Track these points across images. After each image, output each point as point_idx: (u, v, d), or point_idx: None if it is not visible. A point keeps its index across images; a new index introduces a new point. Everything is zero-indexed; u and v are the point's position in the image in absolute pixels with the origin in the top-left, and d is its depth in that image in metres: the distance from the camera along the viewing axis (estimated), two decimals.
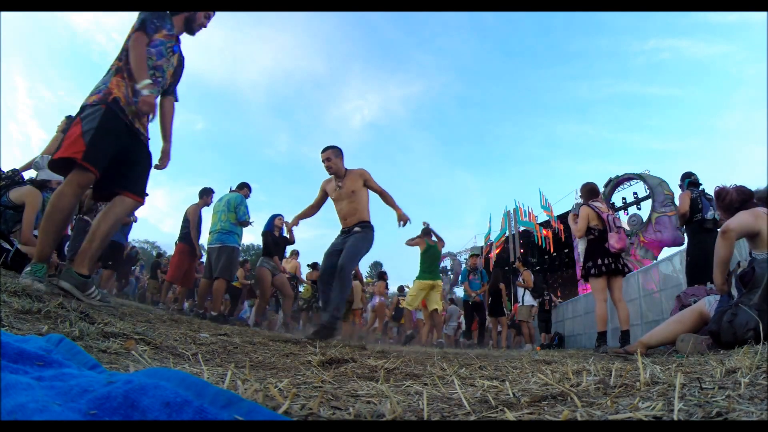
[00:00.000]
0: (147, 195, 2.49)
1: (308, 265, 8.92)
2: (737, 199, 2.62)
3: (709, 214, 4.35)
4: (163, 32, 2.50)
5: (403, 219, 3.55)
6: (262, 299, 6.03)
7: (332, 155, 3.55)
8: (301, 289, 9.44)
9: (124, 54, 2.40)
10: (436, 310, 6.20)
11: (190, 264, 5.63)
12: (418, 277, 6.26)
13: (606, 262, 3.96)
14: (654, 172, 12.62)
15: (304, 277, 8.60)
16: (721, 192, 2.74)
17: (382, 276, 9.31)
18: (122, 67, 2.38)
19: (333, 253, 3.52)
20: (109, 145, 2.24)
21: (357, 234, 3.47)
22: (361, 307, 8.53)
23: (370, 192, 3.68)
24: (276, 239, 5.79)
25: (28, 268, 2.14)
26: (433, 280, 6.20)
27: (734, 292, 2.40)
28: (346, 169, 3.62)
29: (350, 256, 3.37)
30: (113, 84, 2.33)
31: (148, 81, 2.33)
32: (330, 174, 3.59)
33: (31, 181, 3.66)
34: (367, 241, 3.49)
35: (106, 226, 2.30)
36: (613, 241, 3.91)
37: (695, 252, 4.38)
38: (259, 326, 5.79)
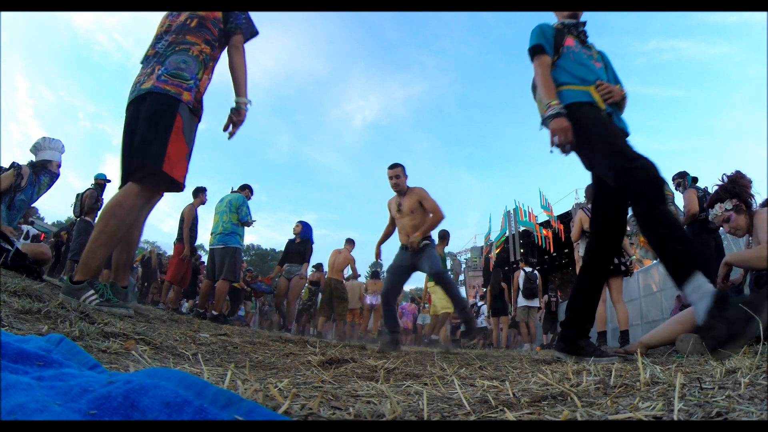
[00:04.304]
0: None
1: (313, 266, 8.96)
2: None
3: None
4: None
5: (412, 243, 3.49)
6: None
7: (401, 172, 3.63)
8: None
9: (214, 43, 2.23)
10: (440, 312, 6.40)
11: (188, 264, 5.67)
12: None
13: None
14: None
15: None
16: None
17: (376, 275, 9.32)
18: (211, 61, 2.23)
19: (399, 269, 3.53)
20: None
21: (426, 246, 3.45)
22: (360, 307, 8.53)
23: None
24: (295, 247, 6.39)
25: (93, 296, 1.92)
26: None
27: (746, 290, 2.38)
28: (408, 187, 3.66)
29: (435, 263, 3.40)
30: (203, 82, 2.20)
31: (247, 99, 2.30)
32: (397, 190, 3.65)
33: (30, 165, 3.64)
34: (434, 250, 3.51)
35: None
36: None
37: (699, 251, 4.36)
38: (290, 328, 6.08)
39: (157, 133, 2.00)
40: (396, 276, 3.57)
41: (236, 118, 2.33)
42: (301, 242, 6.39)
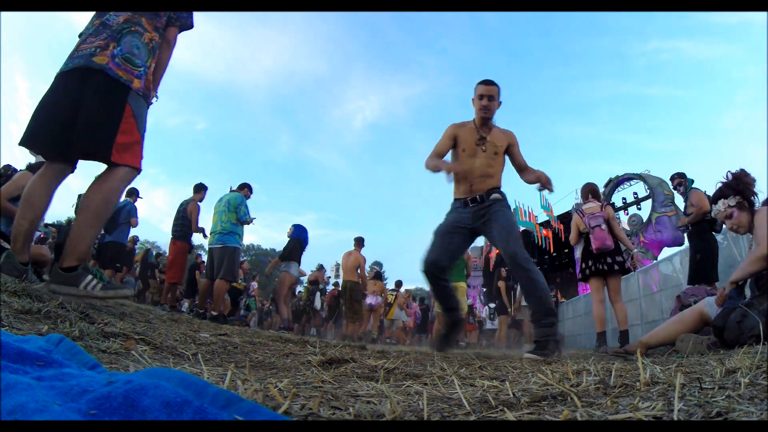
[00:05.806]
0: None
1: (320, 265, 9.05)
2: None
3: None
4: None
5: (546, 183, 2.62)
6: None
7: (497, 94, 2.66)
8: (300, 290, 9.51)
9: (161, 31, 2.16)
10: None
11: (185, 261, 5.82)
12: None
13: (589, 264, 4.01)
14: (654, 172, 12.64)
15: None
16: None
17: (378, 275, 9.32)
18: (157, 49, 2.16)
19: (455, 232, 2.63)
20: None
21: (500, 205, 2.59)
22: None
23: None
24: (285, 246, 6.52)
25: (93, 281, 1.88)
26: (457, 281, 6.41)
27: (747, 292, 2.40)
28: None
29: (515, 238, 2.49)
30: (151, 69, 2.12)
31: (156, 96, 2.25)
32: (485, 116, 2.67)
33: (30, 167, 3.66)
34: (512, 215, 2.66)
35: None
36: (591, 243, 3.96)
37: (705, 250, 4.39)
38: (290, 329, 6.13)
39: (106, 121, 1.94)
40: (445, 238, 2.60)
41: None
42: (289, 241, 6.41)
